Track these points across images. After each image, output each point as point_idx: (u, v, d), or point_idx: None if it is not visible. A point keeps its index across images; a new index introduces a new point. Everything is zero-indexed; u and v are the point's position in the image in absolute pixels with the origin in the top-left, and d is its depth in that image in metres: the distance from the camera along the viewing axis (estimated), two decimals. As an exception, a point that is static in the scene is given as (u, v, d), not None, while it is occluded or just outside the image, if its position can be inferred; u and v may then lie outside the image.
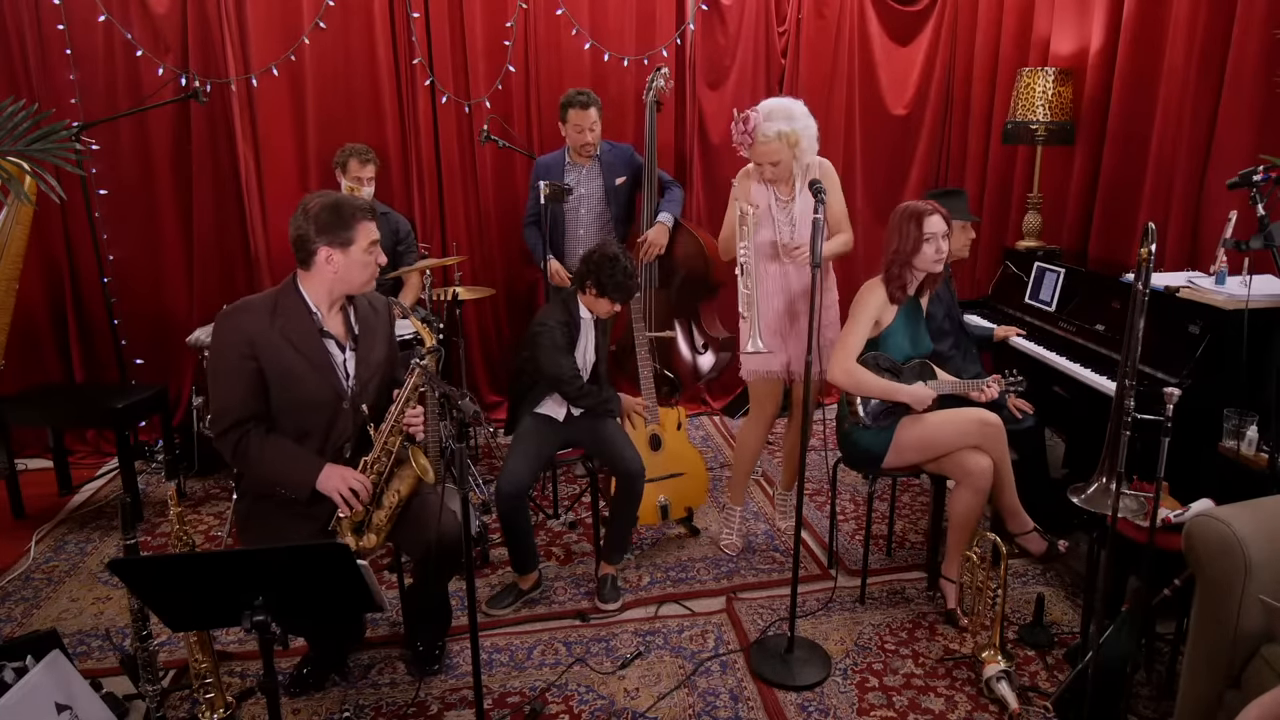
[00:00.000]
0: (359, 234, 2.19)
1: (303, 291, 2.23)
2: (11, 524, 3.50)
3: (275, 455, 2.19)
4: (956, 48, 4.57)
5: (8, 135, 2.62)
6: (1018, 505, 2.95)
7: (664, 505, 3.23)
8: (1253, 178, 2.22)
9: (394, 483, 2.31)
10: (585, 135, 3.67)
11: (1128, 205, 3.64)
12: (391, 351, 2.43)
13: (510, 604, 2.84)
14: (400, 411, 2.25)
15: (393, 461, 2.29)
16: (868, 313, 2.72)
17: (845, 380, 2.69)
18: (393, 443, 2.27)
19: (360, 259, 2.20)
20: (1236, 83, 3.09)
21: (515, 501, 2.73)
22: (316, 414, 2.24)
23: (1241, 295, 2.55)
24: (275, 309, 2.21)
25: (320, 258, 2.17)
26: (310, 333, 2.21)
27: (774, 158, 2.85)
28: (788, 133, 2.82)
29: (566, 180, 3.76)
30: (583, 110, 3.64)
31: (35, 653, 2.12)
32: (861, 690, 2.46)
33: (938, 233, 2.64)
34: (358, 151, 3.67)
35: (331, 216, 2.15)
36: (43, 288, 4.03)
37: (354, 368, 2.29)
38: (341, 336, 2.29)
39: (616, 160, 3.83)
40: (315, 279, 2.22)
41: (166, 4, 3.88)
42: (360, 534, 2.27)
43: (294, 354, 2.18)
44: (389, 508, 2.29)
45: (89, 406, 3.62)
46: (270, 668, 1.74)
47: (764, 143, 2.83)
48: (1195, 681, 1.91)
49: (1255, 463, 2.48)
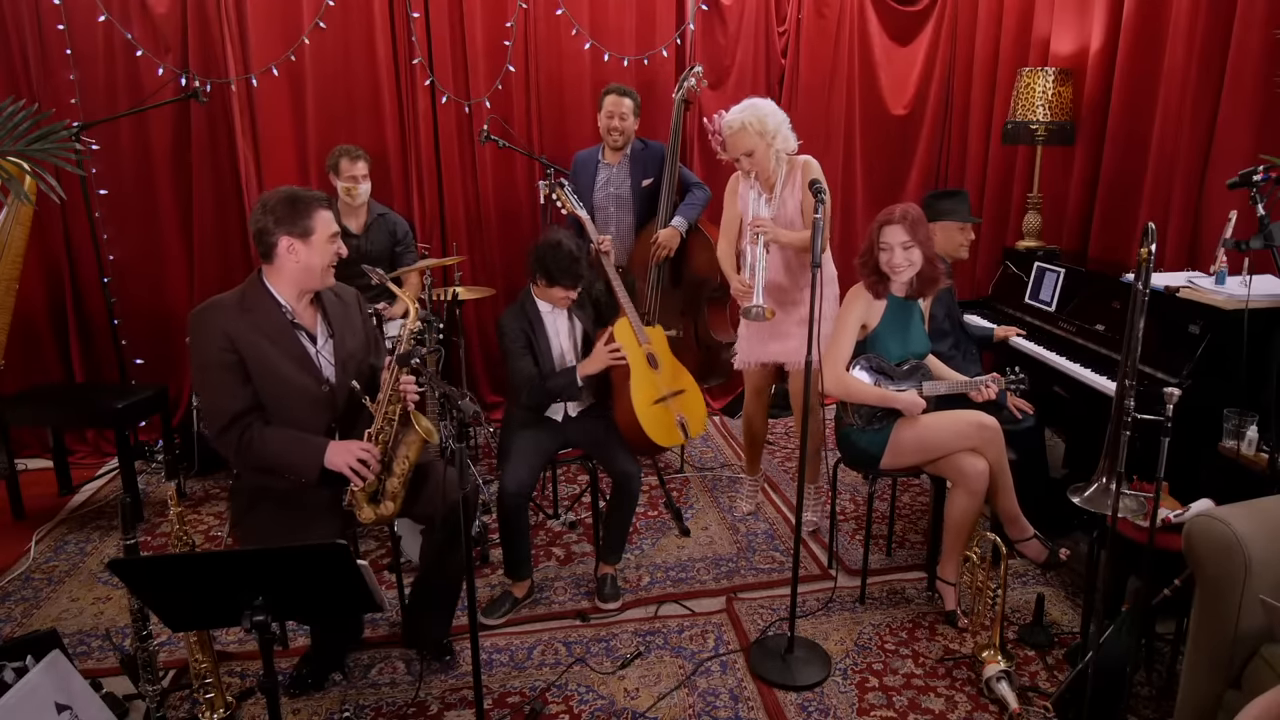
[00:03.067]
0: (318, 223, 2.22)
1: (269, 286, 2.25)
2: (11, 524, 3.50)
3: (279, 443, 2.21)
4: (956, 48, 4.57)
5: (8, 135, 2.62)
6: (1017, 511, 2.92)
7: (683, 423, 3.11)
8: (1253, 178, 2.22)
9: (401, 449, 2.33)
10: (613, 120, 3.74)
11: (1128, 205, 3.64)
12: (368, 338, 2.46)
13: (505, 612, 2.82)
14: (395, 379, 2.27)
15: (395, 429, 2.31)
16: (852, 318, 2.73)
17: (837, 389, 2.70)
18: (392, 411, 2.29)
19: (321, 247, 2.23)
20: (1236, 83, 3.09)
21: (519, 501, 2.73)
22: (300, 402, 2.25)
23: (1241, 295, 2.55)
24: (244, 304, 2.23)
25: (281, 248, 2.20)
26: (282, 325, 2.24)
27: (745, 147, 2.94)
28: (751, 120, 2.90)
29: (597, 178, 3.85)
30: (618, 97, 3.75)
31: (35, 653, 2.12)
32: (861, 690, 2.46)
33: (893, 243, 2.65)
34: (346, 151, 3.67)
35: (288, 208, 2.19)
36: (43, 288, 4.03)
37: (332, 356, 2.32)
38: (312, 328, 2.31)
39: (648, 159, 3.87)
40: (280, 272, 2.24)
41: (166, 4, 3.88)
42: (377, 502, 2.30)
43: (269, 345, 2.21)
44: (400, 474, 2.32)
45: (89, 406, 3.62)
46: (270, 668, 1.74)
47: (730, 133, 2.93)
48: (1195, 681, 1.91)
49: (1255, 463, 2.47)
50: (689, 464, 4.06)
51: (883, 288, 2.72)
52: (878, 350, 2.73)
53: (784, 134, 2.97)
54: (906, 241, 2.65)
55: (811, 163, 3.04)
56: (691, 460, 4.11)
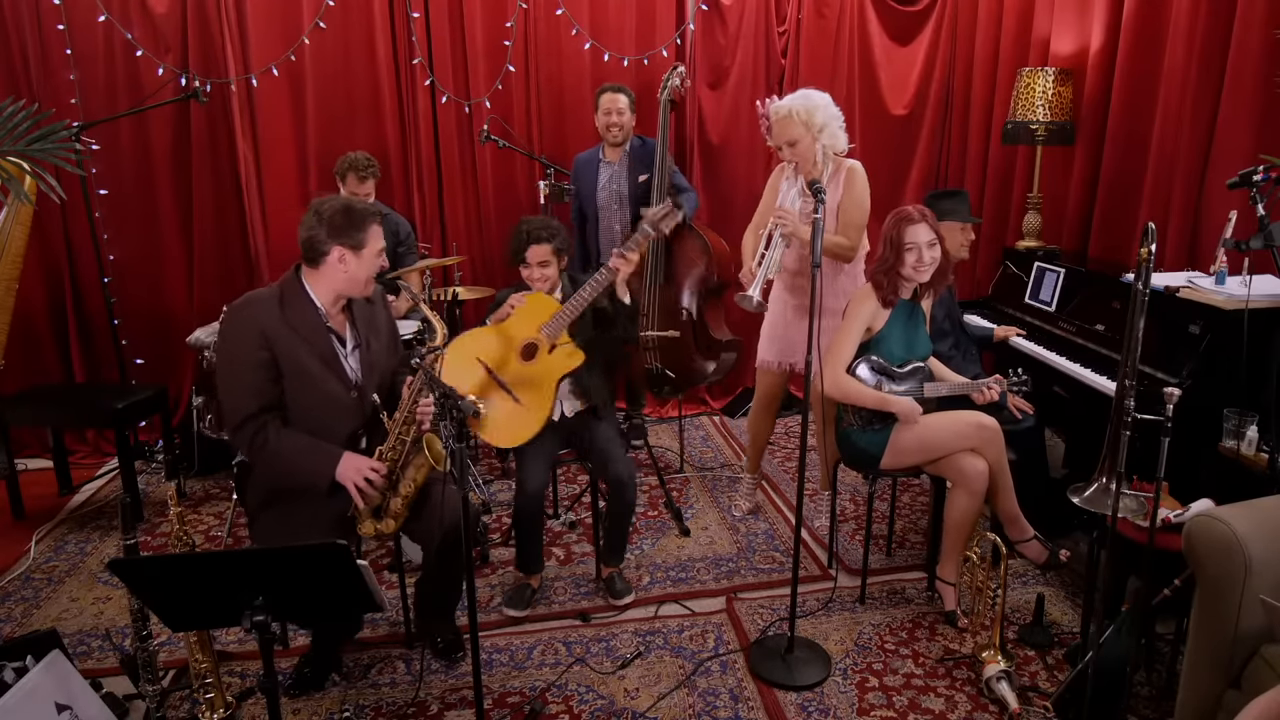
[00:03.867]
0: (371, 237, 2.23)
1: (307, 286, 2.26)
2: (11, 524, 3.50)
3: (293, 447, 2.22)
4: (956, 48, 4.57)
5: (8, 135, 2.62)
6: (1017, 511, 2.92)
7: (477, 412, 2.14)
8: (1253, 178, 2.22)
9: (409, 471, 2.33)
10: (611, 117, 3.77)
11: (1128, 205, 3.64)
12: (392, 340, 2.48)
13: (527, 603, 2.86)
14: (413, 401, 2.28)
15: (407, 450, 2.32)
16: (858, 321, 2.71)
17: (834, 392, 2.70)
18: (407, 431, 2.30)
19: (370, 261, 2.25)
20: (1236, 83, 3.09)
21: (538, 502, 2.78)
22: (327, 406, 2.27)
23: (1241, 295, 2.55)
24: (282, 301, 2.24)
25: (333, 258, 2.20)
26: (318, 326, 2.25)
27: (790, 136, 2.88)
28: (799, 109, 2.85)
29: (599, 177, 3.86)
30: (613, 95, 3.78)
31: (35, 653, 2.12)
32: (861, 690, 2.46)
33: (920, 242, 2.62)
34: (356, 166, 3.65)
35: (345, 219, 2.20)
36: (43, 288, 4.03)
37: (359, 363, 2.34)
38: (342, 332, 2.33)
39: (645, 155, 3.88)
40: (323, 278, 2.25)
41: (166, 4, 3.88)
42: (379, 519, 2.32)
43: (304, 346, 2.22)
44: (405, 495, 2.33)
45: (89, 406, 3.62)
46: (270, 668, 1.74)
47: (777, 119, 2.88)
48: (1195, 681, 1.91)
49: (1255, 463, 2.47)
50: (689, 464, 4.06)
51: (895, 298, 2.70)
52: (881, 353, 2.73)
53: (832, 130, 2.91)
54: (931, 240, 2.64)
55: (857, 169, 2.99)
56: (691, 460, 4.11)
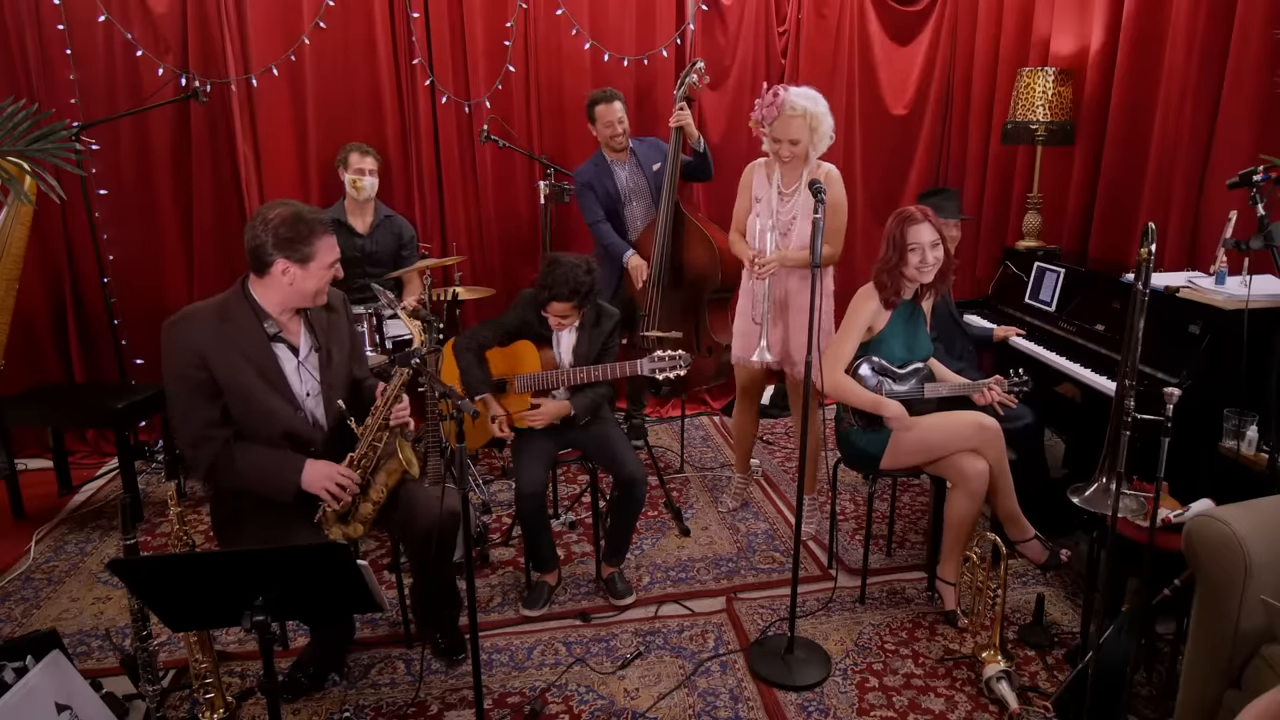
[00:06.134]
0: (320, 249, 2.13)
1: (254, 296, 2.18)
2: (11, 524, 3.50)
3: (254, 461, 2.17)
4: (956, 48, 4.57)
5: (8, 135, 2.62)
6: (1017, 511, 2.91)
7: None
8: (1253, 178, 2.22)
9: (380, 475, 2.32)
10: (616, 127, 3.76)
11: (1128, 205, 3.64)
12: (354, 347, 2.41)
13: (545, 603, 2.86)
14: (387, 407, 2.24)
15: (379, 455, 2.30)
16: (859, 321, 2.71)
17: (831, 391, 2.69)
18: (379, 438, 2.27)
19: (318, 274, 2.16)
20: (1236, 83, 3.09)
21: (537, 502, 2.77)
22: (271, 422, 2.20)
23: (1241, 295, 2.55)
24: (222, 314, 2.16)
25: (277, 270, 2.12)
26: (259, 340, 2.17)
27: (795, 135, 2.91)
28: (815, 113, 2.89)
29: (618, 177, 3.85)
30: (609, 104, 3.74)
31: (35, 653, 2.12)
32: (861, 690, 2.46)
33: (923, 242, 2.62)
34: (357, 145, 3.73)
35: (291, 231, 2.09)
36: (43, 288, 4.03)
37: (316, 370, 2.26)
38: (296, 340, 2.25)
39: (650, 151, 3.89)
40: (269, 288, 2.17)
41: (166, 4, 3.88)
42: (346, 523, 2.30)
43: (243, 363, 2.14)
44: (375, 500, 2.31)
45: (89, 406, 3.62)
46: (270, 668, 1.74)
47: (790, 115, 2.89)
48: (1195, 681, 1.91)
49: (1255, 463, 2.48)
50: (689, 464, 4.06)
51: (897, 299, 2.70)
52: (882, 353, 2.73)
53: (827, 138, 2.98)
54: (935, 240, 2.64)
55: (834, 172, 3.04)
56: (691, 460, 4.11)
